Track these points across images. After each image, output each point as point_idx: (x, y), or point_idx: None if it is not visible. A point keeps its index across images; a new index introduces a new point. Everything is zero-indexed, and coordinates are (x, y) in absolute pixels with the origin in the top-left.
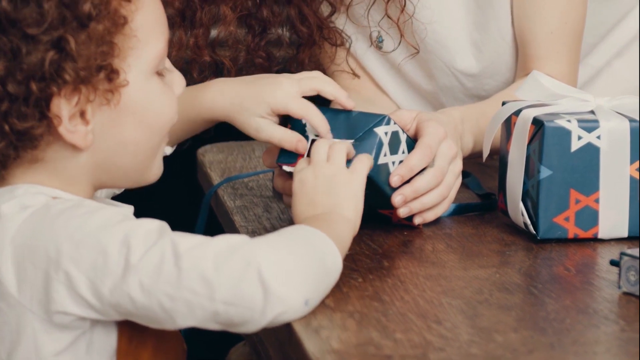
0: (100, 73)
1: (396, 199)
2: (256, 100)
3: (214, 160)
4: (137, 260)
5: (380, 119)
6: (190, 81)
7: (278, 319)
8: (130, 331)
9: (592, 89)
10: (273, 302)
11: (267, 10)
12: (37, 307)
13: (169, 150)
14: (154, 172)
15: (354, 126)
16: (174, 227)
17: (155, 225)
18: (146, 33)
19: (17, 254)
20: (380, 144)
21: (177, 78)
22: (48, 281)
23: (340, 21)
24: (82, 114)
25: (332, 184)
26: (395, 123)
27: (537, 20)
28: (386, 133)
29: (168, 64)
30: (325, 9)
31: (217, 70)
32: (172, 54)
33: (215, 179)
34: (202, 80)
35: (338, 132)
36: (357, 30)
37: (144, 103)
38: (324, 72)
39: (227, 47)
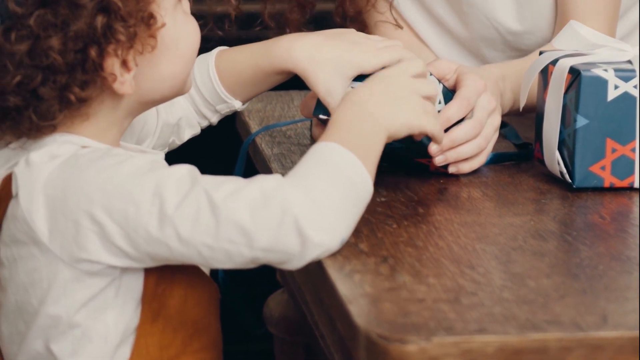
0: (144, 24)
1: (432, 147)
2: (344, 60)
3: (253, 109)
4: (172, 211)
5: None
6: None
7: (316, 259)
8: (158, 277)
9: (630, 42)
10: (310, 248)
11: None
12: (68, 256)
13: (239, 106)
14: (187, 88)
15: None
16: (213, 174)
17: (185, 171)
18: None
19: (49, 204)
20: None
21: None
22: (81, 231)
23: None
24: (124, 62)
25: (402, 91)
26: (431, 74)
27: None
28: None
29: None
30: None
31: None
32: None
33: (254, 127)
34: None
35: None
36: None
37: (175, 37)
38: (365, 19)
39: None
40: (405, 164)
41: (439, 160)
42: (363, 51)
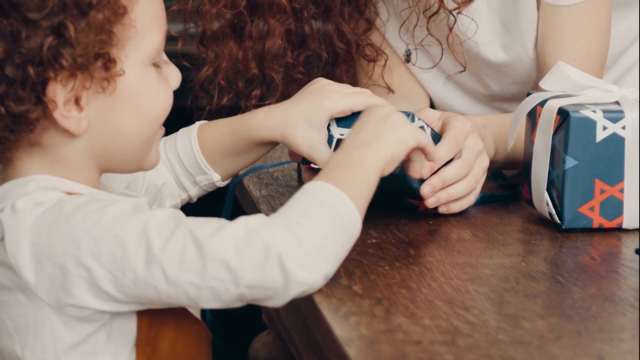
0: (97, 61)
1: (425, 189)
2: (314, 109)
3: None
4: (159, 251)
5: (405, 116)
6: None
7: (300, 295)
8: (150, 320)
9: (625, 84)
10: (293, 285)
11: (308, 26)
12: (55, 301)
13: (218, 180)
14: (151, 160)
15: None
16: (201, 216)
17: (168, 213)
18: (145, 24)
19: (34, 250)
20: None
21: (173, 71)
22: (68, 276)
23: (374, 37)
24: (77, 100)
25: (386, 120)
26: (420, 119)
27: (560, 46)
28: None
29: (164, 56)
30: (361, 26)
31: (265, 83)
32: (222, 65)
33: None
34: (249, 92)
35: None
36: (387, 44)
37: (139, 93)
38: (359, 86)
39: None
40: (397, 203)
41: (431, 202)
42: (330, 96)
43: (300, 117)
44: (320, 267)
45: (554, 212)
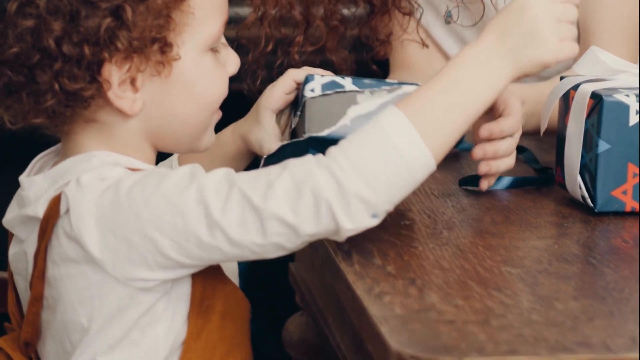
0: (154, 45)
1: (476, 150)
2: (255, 109)
3: None
4: (219, 216)
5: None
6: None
7: (356, 232)
8: (202, 293)
9: None
10: (347, 231)
11: None
12: (122, 274)
13: None
14: (205, 142)
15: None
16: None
17: (221, 175)
18: (204, 12)
19: (99, 224)
20: None
21: (231, 56)
22: (132, 249)
23: None
24: (133, 82)
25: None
26: (323, 75)
27: (602, 10)
28: None
29: (223, 40)
30: None
31: (307, 29)
32: (268, 11)
33: None
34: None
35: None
36: (427, 2)
37: (194, 78)
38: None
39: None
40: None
41: (477, 153)
42: (265, 93)
43: (251, 120)
44: (371, 209)
45: (586, 195)
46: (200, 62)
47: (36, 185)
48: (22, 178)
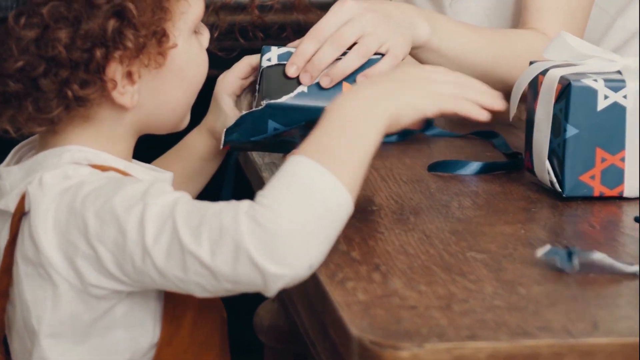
0: (155, 37)
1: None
2: (214, 97)
3: None
4: (151, 244)
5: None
6: None
7: (286, 286)
8: (175, 299)
9: (625, 52)
10: (272, 280)
11: None
12: (74, 279)
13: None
14: (185, 122)
15: None
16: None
17: (169, 200)
18: None
19: (56, 226)
20: None
21: (205, 33)
22: (80, 255)
23: None
24: (130, 75)
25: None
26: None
27: None
28: None
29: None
30: None
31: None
32: None
33: None
34: None
35: None
36: None
37: (186, 62)
38: None
39: None
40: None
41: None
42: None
43: (212, 110)
44: (298, 258)
45: (555, 180)
46: (189, 46)
47: (12, 175)
48: (1, 168)
